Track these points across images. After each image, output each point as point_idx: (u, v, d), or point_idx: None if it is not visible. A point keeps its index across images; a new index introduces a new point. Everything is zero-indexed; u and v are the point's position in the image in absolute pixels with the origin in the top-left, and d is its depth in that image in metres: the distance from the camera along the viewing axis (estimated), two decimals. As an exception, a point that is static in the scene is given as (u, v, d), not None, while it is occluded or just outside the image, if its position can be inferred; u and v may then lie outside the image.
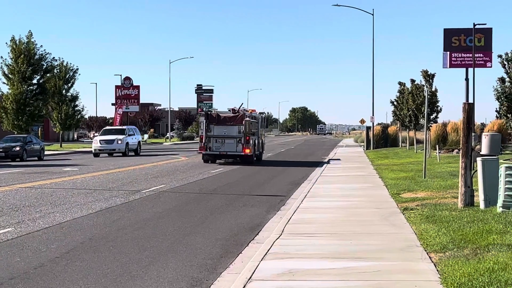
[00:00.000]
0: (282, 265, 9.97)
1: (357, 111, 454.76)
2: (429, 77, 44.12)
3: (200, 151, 38.57)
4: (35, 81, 60.40)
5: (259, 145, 41.56)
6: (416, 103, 46.78)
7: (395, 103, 57.47)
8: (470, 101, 47.49)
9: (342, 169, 33.92)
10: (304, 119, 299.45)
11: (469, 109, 15.73)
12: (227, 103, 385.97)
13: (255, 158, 39.54)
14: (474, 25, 48.53)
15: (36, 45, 59.61)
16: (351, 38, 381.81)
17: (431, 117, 44.59)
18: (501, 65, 29.59)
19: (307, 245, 11.68)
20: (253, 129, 39.37)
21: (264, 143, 45.63)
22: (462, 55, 52.76)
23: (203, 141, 37.75)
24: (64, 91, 68.89)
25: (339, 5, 63.56)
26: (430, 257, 10.19)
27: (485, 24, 51.01)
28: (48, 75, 62.62)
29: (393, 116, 61.88)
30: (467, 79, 50.86)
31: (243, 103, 42.40)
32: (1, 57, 59.11)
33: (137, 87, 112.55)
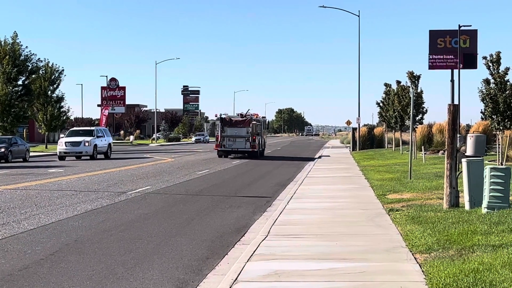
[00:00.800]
0: (268, 266, 9.98)
1: (343, 112, 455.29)
2: (414, 78, 44.21)
3: (216, 148, 47.62)
4: (20, 82, 60.13)
5: (262, 143, 50.54)
6: (402, 105, 46.87)
7: (381, 104, 57.57)
8: (456, 102, 47.72)
9: (328, 170, 33.98)
10: (290, 120, 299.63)
11: (454, 110, 15.81)
12: (213, 104, 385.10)
13: (259, 154, 48.22)
14: (460, 26, 48.77)
15: (21, 46, 59.37)
16: (337, 40, 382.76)
17: (417, 118, 44.69)
18: (486, 67, 29.66)
19: (293, 246, 11.69)
20: (258, 130, 48.32)
21: (266, 141, 54.45)
22: (448, 56, 52.94)
23: (219, 140, 46.72)
24: (49, 92, 68.57)
25: (325, 7, 63.73)
26: (415, 258, 10.22)
27: (470, 26, 51.22)
28: (33, 76, 62.37)
29: (379, 117, 62.03)
30: (452, 80, 51.00)
31: (249, 109, 54.72)
32: (-14, 58, 58.78)
33: (123, 88, 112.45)
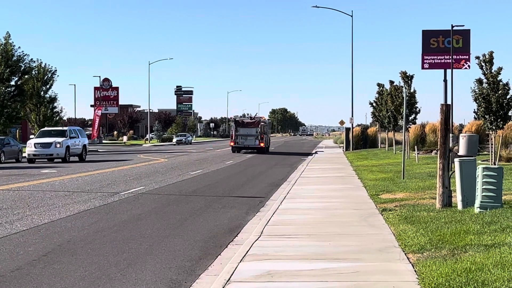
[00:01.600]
0: (261, 266, 9.97)
1: (336, 113, 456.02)
2: (407, 78, 44.30)
3: (231, 144, 58.17)
4: (13, 82, 59.90)
5: (268, 140, 61.71)
6: (395, 104, 46.95)
7: (374, 104, 57.70)
8: (449, 102, 47.82)
9: (321, 170, 34.00)
10: (284, 120, 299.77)
11: (446, 110, 15.84)
12: (207, 104, 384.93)
13: (266, 149, 58.56)
14: (452, 26, 48.90)
15: (14, 46, 59.13)
16: (330, 40, 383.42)
17: (410, 118, 44.81)
18: (478, 67, 29.74)
19: (286, 246, 11.69)
20: (265, 130, 58.82)
21: (270, 139, 67.06)
22: (441, 56, 53.06)
23: (233, 138, 57.27)
24: (42, 92, 68.34)
25: (318, 7, 63.76)
26: (408, 258, 10.24)
27: (463, 26, 51.40)
28: (26, 76, 62.16)
29: (373, 117, 62.18)
30: (445, 80, 51.19)
31: (257, 113, 68.23)
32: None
33: (116, 88, 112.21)
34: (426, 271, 8.98)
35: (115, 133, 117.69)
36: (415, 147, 40.25)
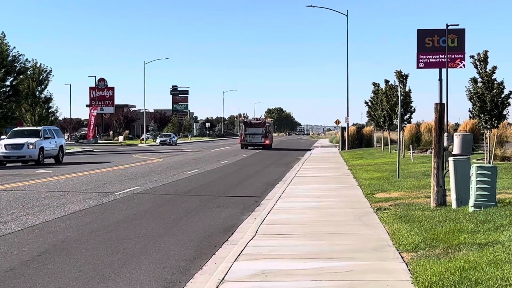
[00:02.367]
0: (255, 266, 9.98)
1: (332, 112, 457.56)
2: (402, 77, 44.22)
3: (240, 142, 67.76)
4: (8, 82, 59.73)
5: (271, 138, 71.87)
6: (390, 104, 46.92)
7: (370, 103, 57.67)
8: (444, 101, 47.87)
9: (317, 169, 34.01)
10: (279, 120, 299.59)
11: (441, 109, 15.86)
12: (203, 104, 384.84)
13: (270, 146, 68.50)
14: (447, 25, 48.95)
15: (9, 46, 58.98)
16: (326, 40, 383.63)
17: (405, 117, 44.74)
18: (473, 66, 29.77)
19: (281, 245, 11.69)
20: (270, 129, 69.77)
21: (273, 137, 79.41)
22: (436, 55, 53.11)
23: (242, 136, 66.83)
24: (37, 92, 68.20)
25: (314, 6, 63.79)
26: (402, 257, 10.25)
27: (458, 25, 51.43)
28: (21, 76, 62.00)
29: (368, 117, 62.12)
30: (440, 79, 51.21)
31: (262, 115, 76.93)
32: (-27, 58, 58.44)
33: (111, 88, 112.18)
34: (420, 270, 9.00)
35: (111, 133, 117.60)
36: (410, 146, 40.26)
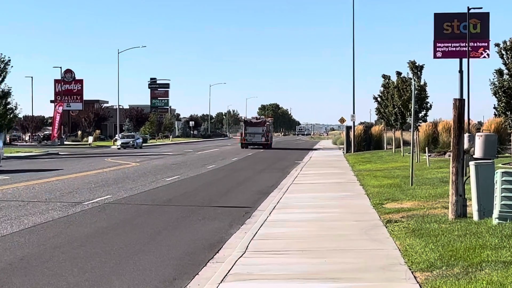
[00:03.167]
0: (244, 287, 9.97)
1: (336, 109, 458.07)
2: (417, 69, 44.38)
3: (240, 141, 77.95)
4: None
5: (271, 138, 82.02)
6: (402, 99, 47.06)
7: (379, 99, 57.74)
8: (465, 96, 48.03)
9: (317, 175, 34.06)
10: (275, 118, 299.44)
11: (460, 106, 15.89)
12: (186, 99, 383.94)
13: (270, 145, 78.56)
14: (469, 9, 49.07)
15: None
16: (328, 26, 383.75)
17: (420, 115, 44.89)
18: (498, 55, 29.91)
19: (274, 264, 11.70)
20: (270, 128, 79.99)
21: (273, 137, 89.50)
22: (455, 43, 53.28)
23: (243, 135, 77.10)
24: (-7, 86, 68.04)
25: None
26: (415, 277, 10.26)
27: (481, 8, 51.57)
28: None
29: (377, 114, 62.22)
30: (461, 71, 51.37)
31: (263, 116, 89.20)
32: None
33: (80, 81, 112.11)
34: (435, 292, 9.00)
35: (79, 133, 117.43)
36: (426, 148, 40.34)
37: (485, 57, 53.35)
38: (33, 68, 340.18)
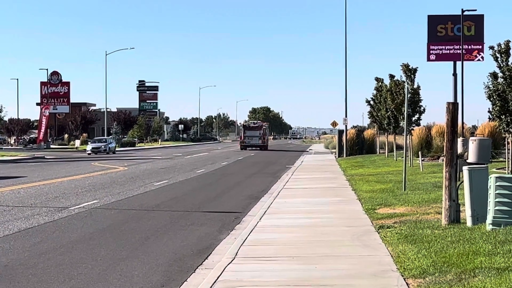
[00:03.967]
0: (234, 295, 9.98)
1: (328, 112, 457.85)
2: (410, 72, 44.35)
3: (240, 144, 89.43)
4: None
5: (267, 140, 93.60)
6: (395, 103, 47.03)
7: (372, 102, 57.71)
8: (459, 100, 48.19)
9: (309, 180, 34.08)
10: (266, 121, 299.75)
11: (453, 110, 15.93)
12: (175, 102, 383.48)
13: (267, 147, 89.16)
14: (463, 11, 49.21)
15: None
16: (320, 29, 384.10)
17: (413, 118, 44.88)
18: (493, 58, 29.90)
19: (265, 270, 11.70)
20: (266, 132, 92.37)
21: (268, 139, 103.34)
22: (449, 46, 53.43)
23: (242, 138, 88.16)
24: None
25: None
26: (407, 284, 10.29)
27: (475, 10, 51.78)
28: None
29: (370, 118, 62.26)
30: (455, 74, 51.55)
31: (260, 121, 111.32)
32: None
33: (66, 83, 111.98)
34: (427, 299, 9.02)
35: (66, 136, 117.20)
36: (419, 152, 40.43)
37: (479, 60, 53.56)
38: (18, 70, 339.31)
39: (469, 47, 52.61)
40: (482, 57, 53.00)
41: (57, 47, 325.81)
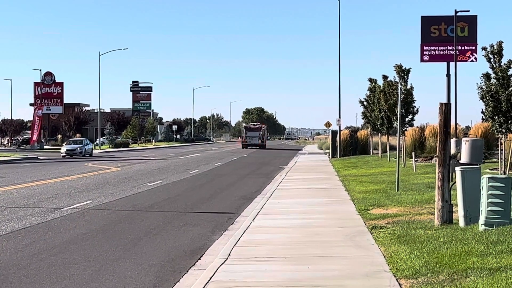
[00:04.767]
0: (226, 295, 9.98)
1: (322, 113, 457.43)
2: (403, 72, 44.45)
3: (241, 143, 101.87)
4: None
5: (266, 140, 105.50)
6: (389, 103, 47.11)
7: (366, 103, 57.77)
8: (452, 100, 48.23)
9: (302, 180, 34.10)
10: (260, 122, 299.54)
11: (446, 110, 15.96)
12: (168, 103, 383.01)
13: (265, 146, 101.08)
14: (456, 12, 49.27)
15: None
16: (313, 29, 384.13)
17: (406, 119, 45.01)
18: (486, 59, 29.98)
19: (258, 271, 11.71)
20: (264, 133, 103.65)
21: (267, 139, 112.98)
22: (443, 47, 53.52)
23: (244, 138, 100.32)
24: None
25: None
26: (400, 284, 10.30)
27: (468, 11, 51.85)
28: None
29: (363, 119, 62.30)
30: (448, 75, 51.65)
31: (259, 122, 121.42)
32: None
33: (60, 84, 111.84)
34: (420, 299, 9.03)
35: (59, 137, 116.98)
36: (413, 153, 40.48)
37: (472, 60, 53.67)
38: (12, 70, 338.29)
39: (463, 48, 52.73)
40: (476, 58, 53.13)
41: (50, 48, 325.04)
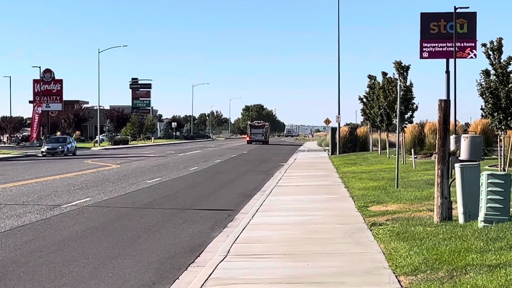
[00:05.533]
0: (226, 292, 9.98)
1: (321, 110, 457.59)
2: (403, 69, 44.35)
3: (247, 139, 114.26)
4: None
5: (268, 137, 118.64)
6: (388, 100, 47.05)
7: (365, 100, 57.79)
8: (452, 97, 48.20)
9: (301, 177, 34.08)
10: (260, 119, 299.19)
11: (445, 107, 15.95)
12: (168, 100, 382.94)
13: (268, 142, 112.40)
14: (456, 8, 49.21)
15: None
16: (313, 26, 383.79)
17: (406, 116, 44.94)
18: (485, 56, 29.94)
19: (257, 268, 11.70)
20: (267, 130, 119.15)
21: (269, 136, 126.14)
22: (442, 43, 53.48)
23: (249, 135, 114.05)
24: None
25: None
26: (399, 281, 10.29)
27: (468, 8, 51.71)
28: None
29: (363, 116, 62.28)
30: (447, 71, 51.59)
31: (262, 121, 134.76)
32: None
33: (59, 81, 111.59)
34: (419, 296, 9.03)
35: (59, 134, 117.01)
36: (412, 150, 40.46)
37: (472, 57, 53.58)
38: (11, 68, 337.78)
39: (462, 44, 52.65)
40: (475, 55, 53.04)
41: (50, 45, 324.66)
